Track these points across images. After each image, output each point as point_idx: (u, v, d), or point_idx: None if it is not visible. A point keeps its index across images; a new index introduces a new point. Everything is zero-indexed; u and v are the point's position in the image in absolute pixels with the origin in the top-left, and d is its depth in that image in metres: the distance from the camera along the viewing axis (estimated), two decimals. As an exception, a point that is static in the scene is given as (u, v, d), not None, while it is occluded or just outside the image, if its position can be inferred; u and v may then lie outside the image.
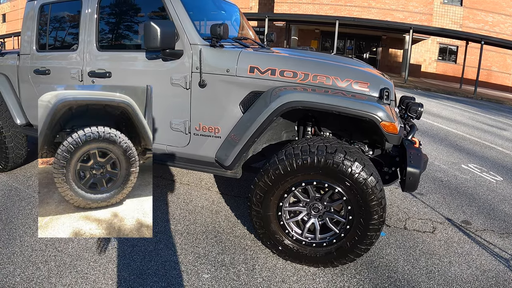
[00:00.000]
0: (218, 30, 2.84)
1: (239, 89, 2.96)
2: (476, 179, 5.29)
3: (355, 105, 2.54)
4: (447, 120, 10.21)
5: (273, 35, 4.57)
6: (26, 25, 3.99)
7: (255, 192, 2.77)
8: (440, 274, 2.91)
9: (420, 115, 3.28)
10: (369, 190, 2.50)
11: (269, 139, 3.13)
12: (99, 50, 3.42)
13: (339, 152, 2.52)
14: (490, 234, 3.65)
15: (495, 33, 25.50)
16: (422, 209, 4.09)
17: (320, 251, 2.80)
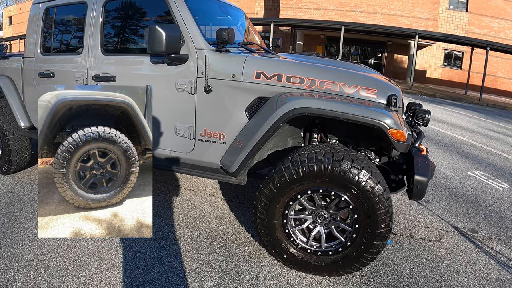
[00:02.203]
0: (224, 34, 2.82)
1: (245, 94, 2.93)
2: (483, 187, 5.23)
3: (362, 112, 2.50)
4: (453, 127, 10.14)
5: (279, 40, 4.56)
6: (31, 28, 3.99)
7: (260, 200, 2.73)
8: (446, 283, 2.86)
9: (427, 122, 3.24)
10: (376, 199, 2.46)
11: (275, 146, 3.09)
12: (103, 54, 3.41)
13: (346, 159, 2.48)
14: (497, 242, 3.60)
15: (500, 38, 25.41)
16: (428, 216, 4.04)
17: (326, 259, 2.76)
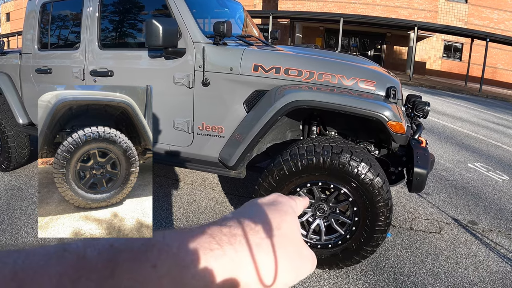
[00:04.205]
0: (222, 27, 2.79)
1: (243, 87, 2.91)
2: (483, 178, 5.22)
3: (361, 104, 2.49)
4: (453, 118, 10.12)
5: (277, 33, 4.52)
6: (27, 24, 3.95)
7: (259, 193, 2.72)
8: (446, 276, 2.86)
9: (427, 114, 3.23)
10: (375, 191, 2.46)
11: (274, 139, 3.08)
12: (101, 49, 3.39)
13: (345, 152, 2.47)
14: (497, 234, 3.60)
15: (500, 30, 25.28)
16: (428, 209, 4.04)
17: (325, 252, 2.75)
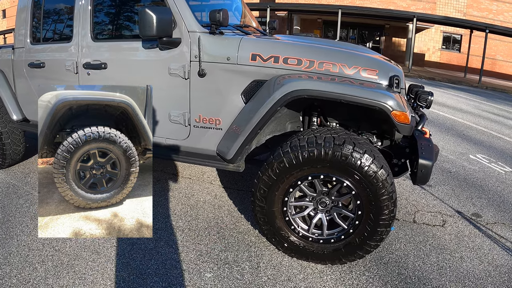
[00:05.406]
0: (218, 16, 2.70)
1: (241, 78, 2.82)
2: (485, 170, 5.16)
3: (364, 93, 2.40)
4: (453, 110, 10.05)
5: (275, 23, 4.42)
6: (20, 18, 3.87)
7: (259, 187, 2.64)
8: (451, 270, 2.79)
9: (430, 104, 3.15)
10: (379, 184, 2.38)
11: (273, 130, 3.00)
12: (94, 41, 3.30)
13: (348, 143, 2.39)
14: (501, 227, 3.53)
15: (499, 21, 25.18)
16: (431, 201, 3.97)
17: (328, 247, 2.68)
